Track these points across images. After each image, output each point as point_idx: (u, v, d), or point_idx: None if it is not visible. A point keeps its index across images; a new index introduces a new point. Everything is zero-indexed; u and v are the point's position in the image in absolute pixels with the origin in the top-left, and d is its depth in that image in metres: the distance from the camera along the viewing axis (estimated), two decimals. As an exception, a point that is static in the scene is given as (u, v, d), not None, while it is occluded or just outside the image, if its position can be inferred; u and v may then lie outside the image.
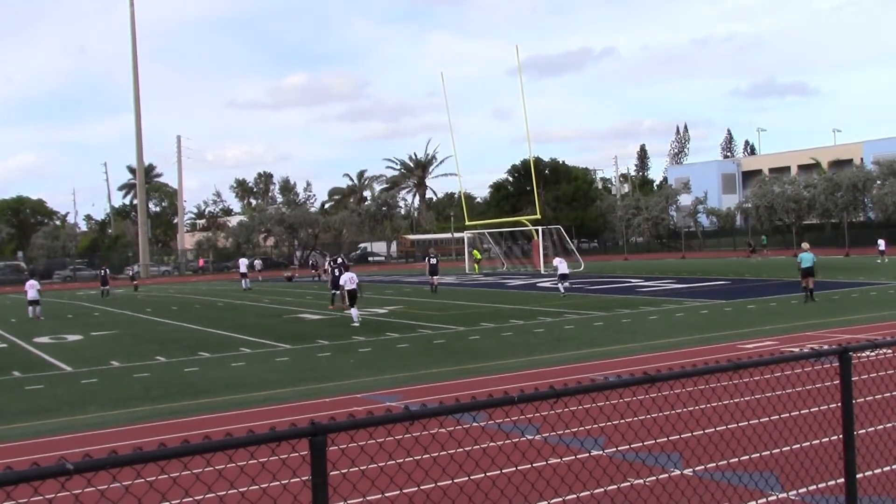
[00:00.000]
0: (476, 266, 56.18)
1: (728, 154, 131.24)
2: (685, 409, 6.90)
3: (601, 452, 8.04)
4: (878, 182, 69.54)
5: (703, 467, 7.27)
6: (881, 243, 49.80)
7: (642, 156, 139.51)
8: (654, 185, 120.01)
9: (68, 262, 78.98)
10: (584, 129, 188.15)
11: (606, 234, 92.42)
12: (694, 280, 38.33)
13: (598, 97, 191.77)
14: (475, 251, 57.58)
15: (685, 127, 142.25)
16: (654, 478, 7.55)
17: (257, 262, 59.36)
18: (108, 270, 49.48)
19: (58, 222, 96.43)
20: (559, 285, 34.22)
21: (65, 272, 75.64)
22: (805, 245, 29.48)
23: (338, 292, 29.44)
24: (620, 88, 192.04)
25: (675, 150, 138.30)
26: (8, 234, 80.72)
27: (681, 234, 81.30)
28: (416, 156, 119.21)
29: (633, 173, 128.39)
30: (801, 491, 6.95)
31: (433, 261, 39.76)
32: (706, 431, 7.40)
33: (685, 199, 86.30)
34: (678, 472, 7.24)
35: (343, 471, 5.05)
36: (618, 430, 7.77)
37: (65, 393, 15.00)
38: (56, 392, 15.13)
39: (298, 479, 4.19)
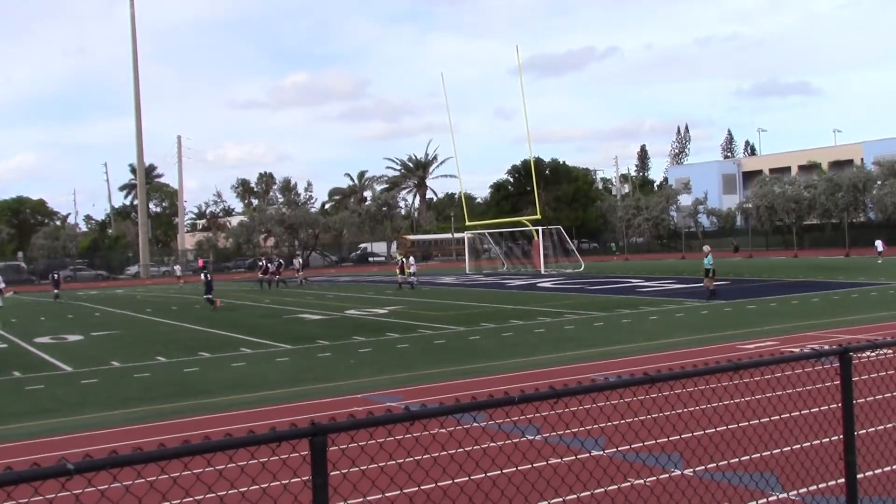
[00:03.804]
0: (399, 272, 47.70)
1: (728, 154, 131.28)
2: (685, 410, 6.89)
3: (601, 453, 8.04)
4: (879, 182, 69.54)
5: (703, 467, 7.27)
6: (879, 244, 50.06)
7: (643, 156, 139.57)
8: (655, 185, 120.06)
9: (69, 262, 79.01)
10: (586, 129, 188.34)
11: (607, 235, 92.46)
12: (694, 280, 38.28)
13: (600, 97, 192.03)
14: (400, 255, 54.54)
15: (686, 127, 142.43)
16: (655, 478, 7.54)
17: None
18: (60, 274, 50.77)
19: (58, 223, 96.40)
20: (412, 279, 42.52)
21: (65, 272, 75.67)
22: (707, 248, 30.89)
23: (211, 296, 34.42)
24: (622, 88, 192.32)
25: (676, 151, 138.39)
26: (8, 234, 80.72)
27: (681, 234, 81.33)
28: (416, 156, 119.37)
29: (633, 174, 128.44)
30: (801, 491, 6.95)
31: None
32: (706, 432, 7.40)
33: (685, 200, 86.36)
34: (678, 472, 7.23)
35: (343, 471, 5.05)
36: (618, 431, 7.77)
37: (65, 393, 15.00)
38: (56, 392, 15.14)
39: (299, 480, 4.19)
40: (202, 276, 38.24)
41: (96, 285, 67.63)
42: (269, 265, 49.71)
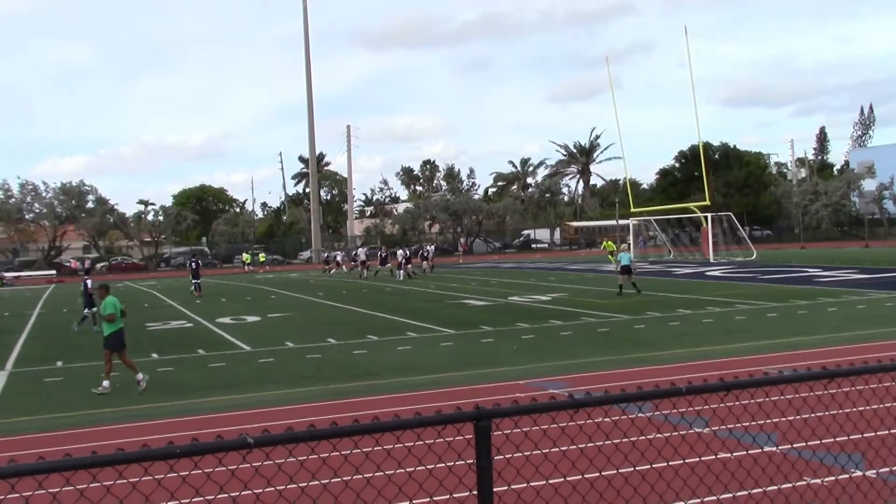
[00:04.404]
0: (611, 256, 52.12)
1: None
2: (868, 407, 6.50)
3: (774, 448, 7.70)
4: None
5: (888, 469, 6.84)
6: None
7: (822, 138, 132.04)
8: (835, 169, 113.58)
9: (247, 247, 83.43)
10: (759, 111, 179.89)
11: (781, 222, 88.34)
12: (879, 270, 35.99)
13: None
14: (607, 242, 56.49)
15: (870, 107, 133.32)
16: (833, 478, 7.16)
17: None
18: (199, 262, 40.70)
19: (237, 209, 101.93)
20: (400, 272, 44.67)
21: (256, 257, 79.82)
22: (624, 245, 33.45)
23: (196, 281, 37.45)
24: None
25: (859, 133, 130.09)
26: (193, 220, 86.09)
27: (864, 221, 76.57)
28: (580, 143, 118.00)
29: (811, 157, 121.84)
30: None
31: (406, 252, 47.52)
32: (892, 431, 6.96)
33: (869, 185, 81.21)
34: (859, 473, 6.83)
35: (507, 456, 5.08)
36: (793, 427, 7.41)
37: (245, 371, 15.88)
38: (236, 370, 16.04)
39: (463, 462, 4.25)
40: (189, 263, 39.56)
41: (272, 269, 71.10)
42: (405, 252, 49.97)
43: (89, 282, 24.35)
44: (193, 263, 38.76)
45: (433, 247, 58.98)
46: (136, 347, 19.95)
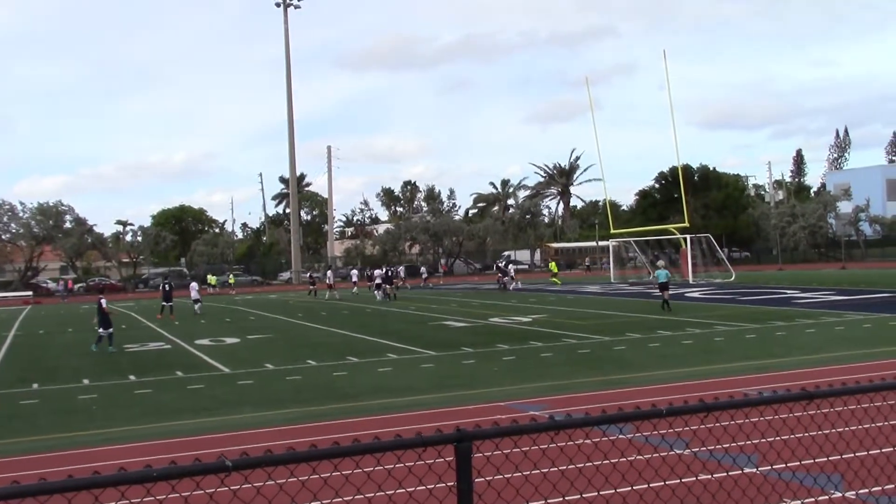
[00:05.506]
0: (557, 280, 56.55)
1: (894, 158, 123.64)
2: (847, 428, 6.53)
3: (755, 470, 7.71)
4: None
5: (866, 490, 6.86)
6: None
7: (798, 161, 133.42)
8: (812, 191, 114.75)
9: (226, 267, 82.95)
10: (736, 134, 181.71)
11: (759, 243, 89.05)
12: (856, 292, 36.30)
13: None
14: (552, 264, 58.68)
15: (846, 130, 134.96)
16: (813, 499, 7.18)
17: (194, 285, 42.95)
18: (172, 284, 39.36)
19: (217, 230, 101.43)
20: (377, 292, 45.66)
21: (223, 278, 79.45)
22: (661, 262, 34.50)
23: (169, 304, 36.95)
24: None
25: (835, 155, 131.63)
26: (172, 241, 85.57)
27: (840, 243, 77.33)
28: (560, 164, 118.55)
29: (788, 179, 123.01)
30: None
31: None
32: (870, 452, 6.98)
33: (845, 207, 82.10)
34: (839, 494, 6.86)
35: (488, 478, 5.06)
36: (773, 448, 7.43)
37: (223, 393, 15.74)
38: (215, 392, 15.90)
39: (444, 485, 4.23)
40: (162, 285, 39.41)
41: (251, 290, 70.71)
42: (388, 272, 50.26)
43: (104, 301, 24.21)
44: (167, 286, 38.47)
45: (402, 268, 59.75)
46: (114, 369, 19.78)
